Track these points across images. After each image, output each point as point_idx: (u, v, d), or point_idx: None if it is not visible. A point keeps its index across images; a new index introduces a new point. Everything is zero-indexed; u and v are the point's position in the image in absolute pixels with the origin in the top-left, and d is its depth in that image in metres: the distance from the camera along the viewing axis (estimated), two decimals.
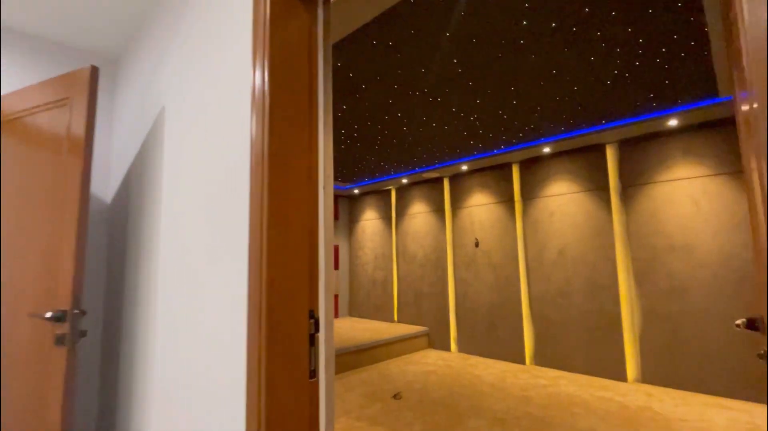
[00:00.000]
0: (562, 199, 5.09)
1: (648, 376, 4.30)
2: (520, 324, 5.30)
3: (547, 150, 5.03)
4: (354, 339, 5.52)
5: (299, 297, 1.18)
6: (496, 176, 5.78)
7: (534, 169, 5.41)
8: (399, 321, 6.95)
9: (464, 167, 5.86)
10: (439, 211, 6.49)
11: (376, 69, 3.05)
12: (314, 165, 1.30)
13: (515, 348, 5.31)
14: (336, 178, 6.79)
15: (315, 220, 1.29)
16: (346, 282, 8.08)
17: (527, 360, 5.22)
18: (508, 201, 5.61)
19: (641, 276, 4.44)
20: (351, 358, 5.15)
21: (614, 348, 4.50)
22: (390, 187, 7.34)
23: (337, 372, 4.97)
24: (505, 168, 5.67)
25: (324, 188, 1.32)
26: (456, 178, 6.31)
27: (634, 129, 4.31)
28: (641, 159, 4.52)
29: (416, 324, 6.58)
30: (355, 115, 3.97)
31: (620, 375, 4.43)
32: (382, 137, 4.64)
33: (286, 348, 1.13)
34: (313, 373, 1.19)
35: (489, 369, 5.00)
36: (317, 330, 1.23)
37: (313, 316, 1.22)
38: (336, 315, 7.73)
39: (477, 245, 5.89)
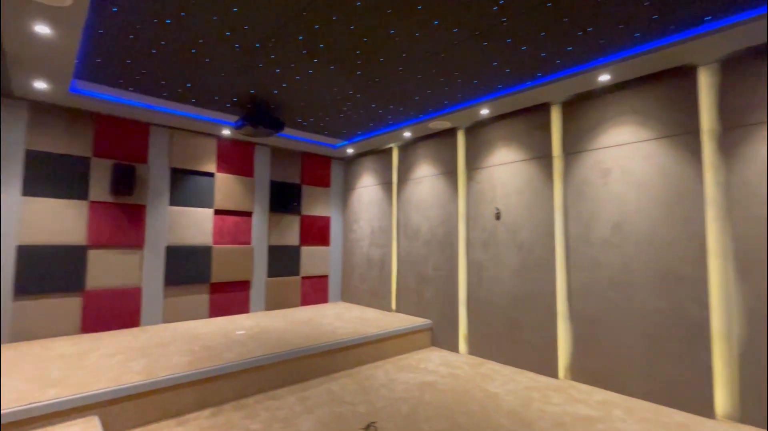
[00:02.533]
0: (624, 150, 3.57)
1: (751, 413, 2.84)
2: (554, 323, 3.88)
3: (605, 78, 3.48)
4: (333, 334, 4.25)
5: None
6: (528, 123, 4.26)
7: (582, 111, 3.88)
8: (397, 310, 5.64)
9: (484, 111, 4.37)
10: (449, 173, 5.04)
11: None
12: None
13: (545, 356, 3.92)
14: (321, 131, 5.42)
15: None
16: (339, 260, 6.79)
17: (561, 373, 3.83)
18: (543, 157, 4.11)
19: (746, 264, 2.93)
20: (322, 361, 3.88)
21: (696, 366, 3.05)
22: (391, 145, 5.91)
23: (298, 381, 3.71)
24: (541, 111, 4.15)
25: None
26: (473, 130, 4.82)
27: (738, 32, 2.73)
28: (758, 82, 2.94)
29: (417, 316, 5.25)
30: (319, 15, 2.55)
31: (704, 408, 2.99)
32: (364, 53, 3.21)
33: None
34: None
35: (509, 384, 3.65)
36: None
37: None
38: (325, 300, 6.48)
39: (498, 217, 4.45)
